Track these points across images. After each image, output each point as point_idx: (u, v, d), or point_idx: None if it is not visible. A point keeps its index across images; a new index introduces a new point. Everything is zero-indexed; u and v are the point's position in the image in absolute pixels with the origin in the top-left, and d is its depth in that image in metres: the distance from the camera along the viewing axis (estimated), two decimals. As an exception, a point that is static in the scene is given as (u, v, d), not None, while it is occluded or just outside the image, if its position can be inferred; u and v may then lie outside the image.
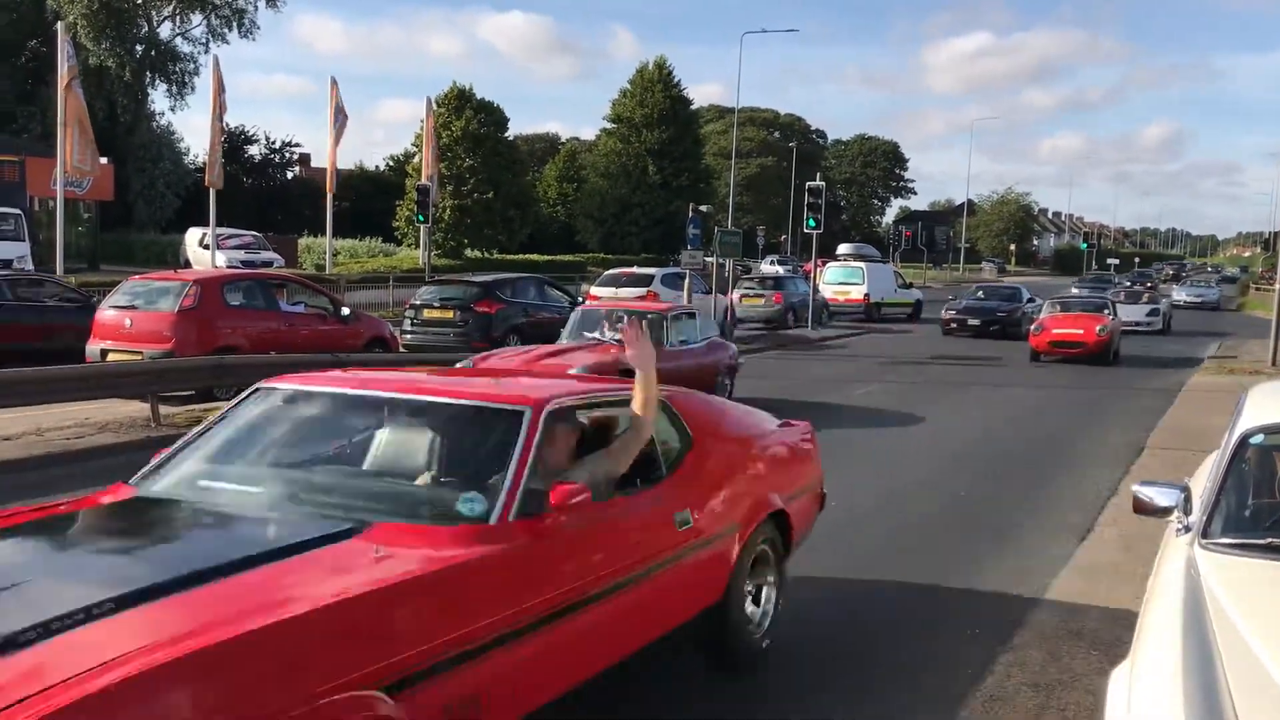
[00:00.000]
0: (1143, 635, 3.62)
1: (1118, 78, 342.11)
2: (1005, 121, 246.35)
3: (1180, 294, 49.80)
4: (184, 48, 51.89)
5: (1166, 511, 4.48)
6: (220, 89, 29.01)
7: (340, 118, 33.38)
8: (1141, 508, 4.60)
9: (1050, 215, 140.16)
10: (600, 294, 24.13)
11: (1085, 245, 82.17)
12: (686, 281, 22.51)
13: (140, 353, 13.33)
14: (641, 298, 23.70)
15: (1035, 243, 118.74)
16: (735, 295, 27.89)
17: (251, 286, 15.18)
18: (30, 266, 27.32)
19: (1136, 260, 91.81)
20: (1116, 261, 75.90)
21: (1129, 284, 46.35)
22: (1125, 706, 3.11)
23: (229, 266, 29.95)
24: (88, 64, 43.62)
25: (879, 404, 15.01)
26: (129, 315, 13.96)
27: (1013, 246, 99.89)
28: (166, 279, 15.08)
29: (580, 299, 22.01)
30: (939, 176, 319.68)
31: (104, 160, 38.07)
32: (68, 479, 9.28)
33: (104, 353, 13.76)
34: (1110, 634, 5.92)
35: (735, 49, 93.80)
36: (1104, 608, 6.42)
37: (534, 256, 47.39)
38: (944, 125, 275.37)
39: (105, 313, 14.30)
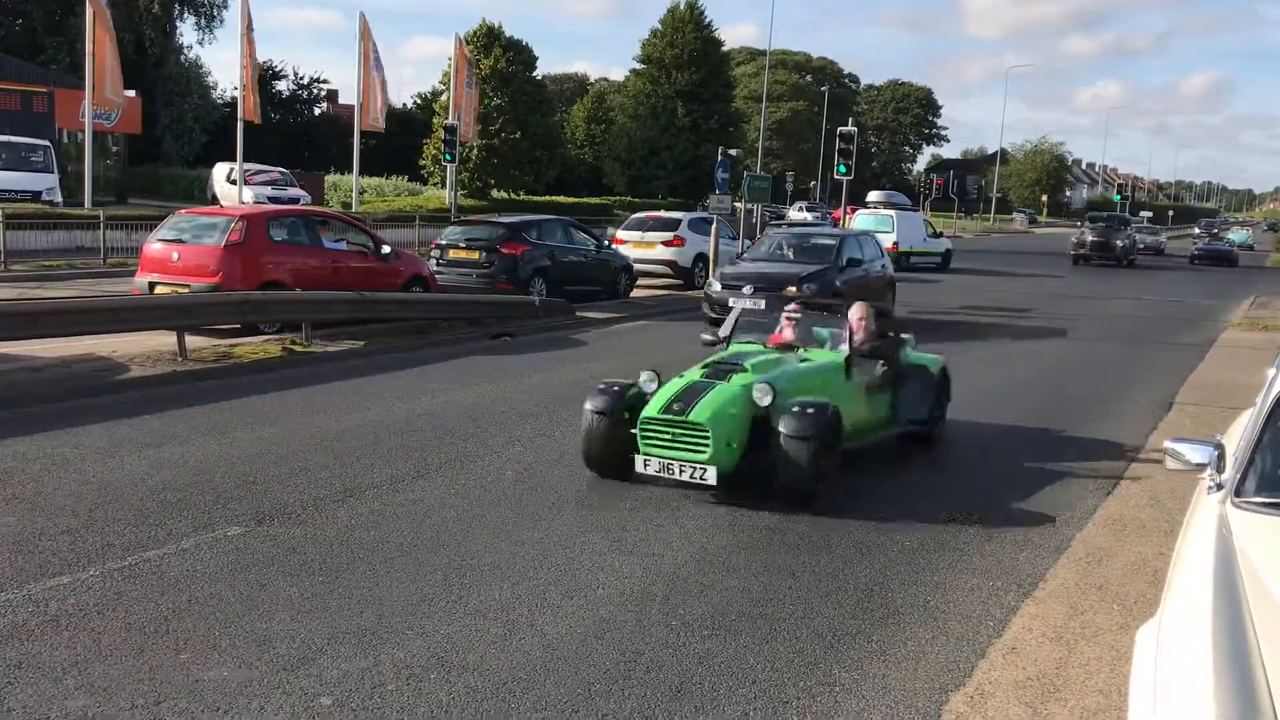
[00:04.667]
0: (1172, 593, 3.58)
1: (1164, 25, 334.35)
2: (1044, 69, 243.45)
3: None
4: (212, -20, 51.56)
5: (1199, 468, 4.43)
6: (249, 24, 28.84)
7: (377, 66, 33.05)
8: (1174, 464, 4.55)
9: (1084, 166, 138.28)
10: (626, 238, 23.97)
11: (1119, 197, 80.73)
12: (714, 226, 22.29)
13: (187, 286, 13.45)
14: (668, 242, 23.59)
15: (1068, 194, 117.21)
16: (762, 241, 27.65)
17: (296, 223, 15.21)
18: (59, 199, 27.37)
19: (1170, 214, 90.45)
20: (1150, 214, 74.73)
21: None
22: (1153, 665, 3.07)
23: (255, 202, 29.94)
24: (116, -5, 43.36)
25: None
26: (176, 249, 14.00)
27: (1045, 197, 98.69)
28: (213, 214, 15.15)
29: (607, 242, 21.87)
30: (973, 124, 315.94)
31: (131, 93, 38.03)
32: (95, 410, 9.36)
33: (152, 285, 13.87)
34: (1134, 589, 5.89)
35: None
36: (1128, 562, 6.38)
37: (560, 198, 47.12)
38: (980, 72, 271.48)
39: (153, 246, 14.37)
